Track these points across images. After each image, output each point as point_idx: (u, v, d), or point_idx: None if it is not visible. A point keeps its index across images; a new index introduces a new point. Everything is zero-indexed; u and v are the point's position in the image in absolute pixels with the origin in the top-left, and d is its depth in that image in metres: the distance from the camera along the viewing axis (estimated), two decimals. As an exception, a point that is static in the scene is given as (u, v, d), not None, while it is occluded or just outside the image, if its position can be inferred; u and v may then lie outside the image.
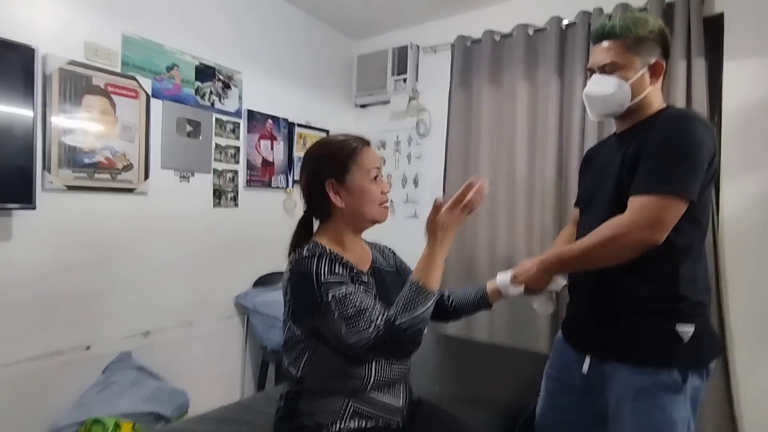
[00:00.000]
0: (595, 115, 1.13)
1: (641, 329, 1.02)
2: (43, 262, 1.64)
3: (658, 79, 1.09)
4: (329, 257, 0.94)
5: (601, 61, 1.08)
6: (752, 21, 1.88)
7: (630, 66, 1.06)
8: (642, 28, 1.05)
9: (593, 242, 1.00)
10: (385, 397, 0.98)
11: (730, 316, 1.88)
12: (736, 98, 1.91)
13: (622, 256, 0.98)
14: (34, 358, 1.63)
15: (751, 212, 1.86)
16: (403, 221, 2.81)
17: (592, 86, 1.10)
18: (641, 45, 1.06)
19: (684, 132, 0.98)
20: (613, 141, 1.19)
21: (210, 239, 2.21)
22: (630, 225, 0.95)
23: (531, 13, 2.35)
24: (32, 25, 1.60)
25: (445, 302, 1.19)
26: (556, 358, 1.25)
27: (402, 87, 2.80)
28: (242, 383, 2.41)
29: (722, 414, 1.82)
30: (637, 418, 1.00)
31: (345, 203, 1.00)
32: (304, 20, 2.71)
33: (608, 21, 1.08)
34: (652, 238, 0.94)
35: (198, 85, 2.15)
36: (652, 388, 0.99)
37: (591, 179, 1.21)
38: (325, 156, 1.03)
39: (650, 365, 1.00)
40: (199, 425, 1.30)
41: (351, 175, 1.00)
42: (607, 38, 1.08)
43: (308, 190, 1.04)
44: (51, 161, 1.63)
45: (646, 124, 1.07)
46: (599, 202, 1.11)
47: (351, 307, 0.87)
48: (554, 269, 1.11)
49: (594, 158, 1.27)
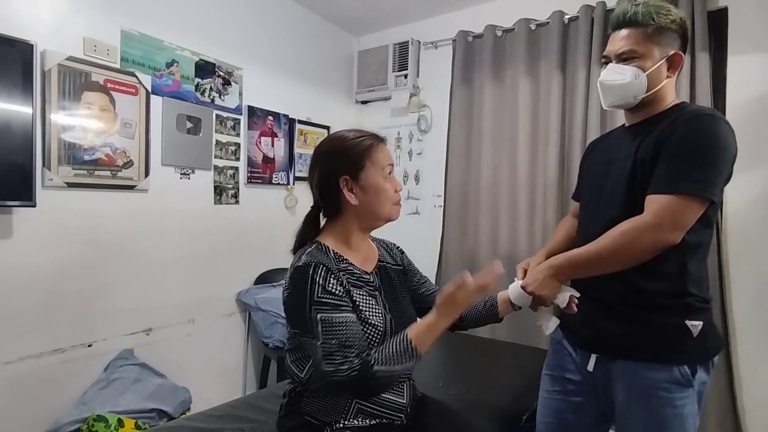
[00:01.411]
0: (608, 104, 1.09)
1: (652, 325, 1.00)
2: (43, 260, 1.64)
3: (675, 72, 1.04)
4: (326, 269, 0.91)
5: (620, 48, 1.03)
6: (756, 15, 1.86)
7: (649, 56, 1.01)
8: (664, 18, 1.01)
9: (611, 245, 0.95)
10: (389, 395, 0.98)
11: (733, 311, 1.87)
12: (740, 93, 1.90)
13: (641, 259, 0.95)
14: (36, 356, 1.62)
15: (755, 208, 1.85)
16: (404, 218, 2.77)
17: (608, 74, 1.05)
18: (662, 35, 1.01)
19: (711, 133, 0.95)
20: (621, 133, 1.15)
21: (211, 236, 2.21)
22: (653, 226, 0.92)
23: (533, 7, 2.33)
24: (31, 20, 1.58)
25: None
26: (555, 358, 1.21)
27: (403, 83, 2.79)
28: (244, 380, 2.42)
29: (725, 410, 1.82)
30: (649, 414, 0.99)
31: (359, 200, 0.98)
32: (304, 16, 2.69)
33: (630, 8, 1.03)
34: (672, 239, 0.92)
35: (198, 81, 2.13)
36: (664, 384, 0.98)
37: (596, 172, 1.16)
38: (339, 152, 1.00)
39: (661, 361, 0.99)
40: (202, 422, 1.30)
41: (365, 172, 0.98)
42: (627, 26, 1.03)
43: (321, 187, 1.01)
44: (51, 158, 1.62)
45: (660, 119, 1.03)
46: (608, 198, 1.07)
47: (335, 338, 0.86)
48: (564, 274, 1.02)
49: (598, 149, 1.22)
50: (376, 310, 0.96)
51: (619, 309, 1.04)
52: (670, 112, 1.03)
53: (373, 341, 0.92)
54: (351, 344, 0.86)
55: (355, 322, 0.90)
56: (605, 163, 1.12)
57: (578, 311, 1.05)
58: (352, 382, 0.85)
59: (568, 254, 1.03)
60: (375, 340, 0.92)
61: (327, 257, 0.96)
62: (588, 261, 0.98)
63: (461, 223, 2.55)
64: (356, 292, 0.95)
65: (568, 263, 1.01)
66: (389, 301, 1.02)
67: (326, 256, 0.96)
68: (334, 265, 0.95)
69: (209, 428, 1.26)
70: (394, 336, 0.92)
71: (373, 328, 0.93)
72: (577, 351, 1.13)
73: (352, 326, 0.89)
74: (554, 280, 1.02)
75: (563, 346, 1.18)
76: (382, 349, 0.89)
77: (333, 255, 0.97)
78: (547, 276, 1.02)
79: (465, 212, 2.53)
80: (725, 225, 1.89)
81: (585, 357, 1.10)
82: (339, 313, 0.88)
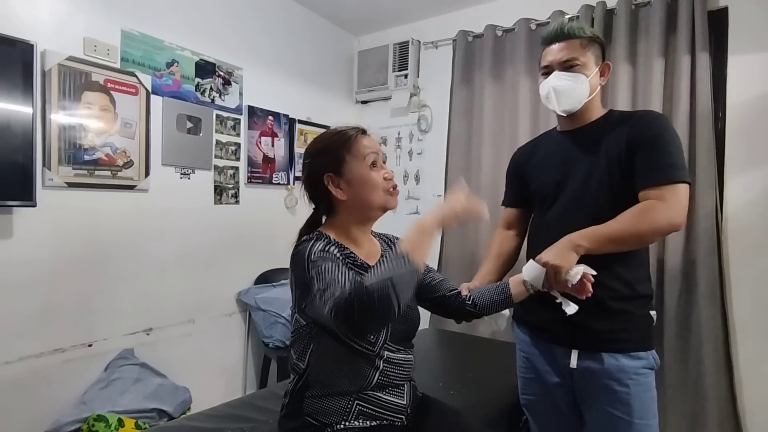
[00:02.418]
0: (563, 109, 1.15)
1: (629, 317, 1.09)
2: (44, 260, 1.64)
3: (605, 80, 1.18)
4: (327, 240, 0.92)
5: (564, 57, 1.12)
6: (757, 15, 1.86)
7: (587, 64, 1.13)
8: (589, 31, 1.14)
9: (634, 224, 1.00)
10: (390, 397, 0.97)
11: (734, 311, 1.87)
12: (740, 93, 1.90)
13: (652, 240, 1.08)
14: (36, 356, 1.63)
15: (755, 208, 1.85)
16: (404, 218, 2.80)
17: (558, 81, 1.12)
18: (593, 45, 1.14)
19: (671, 128, 1.10)
20: (562, 138, 1.22)
21: (211, 236, 2.21)
22: (668, 210, 1.00)
23: (533, 7, 2.33)
24: (31, 20, 1.58)
25: (466, 303, 1.12)
26: (530, 360, 1.25)
27: (403, 83, 2.79)
28: (244, 380, 2.42)
29: (725, 409, 1.81)
30: (636, 400, 1.06)
31: (347, 195, 0.98)
32: (304, 15, 2.69)
33: (564, 23, 1.15)
34: (682, 222, 1.02)
35: (198, 81, 2.13)
36: (643, 370, 1.08)
37: (552, 174, 1.19)
38: (319, 151, 1.01)
39: (639, 349, 1.08)
40: (202, 422, 1.30)
41: (347, 166, 0.98)
42: (564, 38, 1.13)
43: (309, 189, 1.03)
44: (51, 158, 1.62)
45: (605, 122, 1.15)
46: (581, 197, 1.12)
47: (328, 275, 0.84)
48: (583, 247, 1.01)
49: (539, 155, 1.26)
50: None
51: (599, 303, 1.06)
52: (610, 115, 1.17)
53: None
54: (344, 277, 0.84)
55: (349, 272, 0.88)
56: (562, 164, 1.18)
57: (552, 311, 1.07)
58: (347, 307, 0.78)
59: (589, 229, 1.03)
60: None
61: (325, 237, 0.96)
62: (611, 237, 1.01)
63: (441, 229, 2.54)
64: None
65: (590, 237, 1.01)
66: None
67: (326, 237, 0.97)
68: (338, 251, 0.95)
69: (209, 428, 1.26)
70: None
71: None
72: (558, 349, 1.16)
73: (346, 272, 0.86)
74: (572, 252, 1.00)
75: (537, 345, 1.22)
76: (374, 267, 0.85)
77: (336, 243, 0.97)
78: (565, 247, 1.01)
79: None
80: (725, 225, 1.89)
81: (565, 354, 1.13)
82: (332, 263, 0.87)
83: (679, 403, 1.90)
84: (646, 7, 2.05)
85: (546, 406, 1.23)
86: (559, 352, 1.15)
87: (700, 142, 1.87)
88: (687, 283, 1.91)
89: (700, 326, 1.85)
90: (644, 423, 1.07)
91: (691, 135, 1.91)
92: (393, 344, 0.97)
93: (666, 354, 1.91)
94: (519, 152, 1.38)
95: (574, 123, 1.19)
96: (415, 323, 1.09)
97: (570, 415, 1.19)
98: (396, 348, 0.98)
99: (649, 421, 1.08)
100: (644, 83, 2.03)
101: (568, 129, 1.22)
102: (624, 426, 1.07)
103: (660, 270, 1.97)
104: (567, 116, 1.17)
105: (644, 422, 1.07)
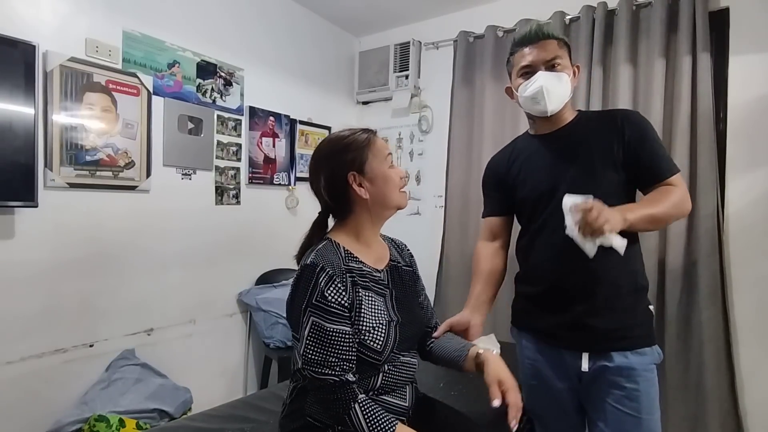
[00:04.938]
0: (551, 109, 1.12)
1: (633, 312, 1.09)
2: (45, 260, 1.64)
3: (576, 82, 1.18)
4: (331, 274, 0.90)
5: (548, 56, 1.11)
6: (758, 15, 1.86)
7: (567, 64, 1.14)
8: (561, 34, 1.17)
9: (673, 206, 1.05)
10: (392, 399, 0.97)
11: (735, 312, 1.87)
12: (741, 93, 1.89)
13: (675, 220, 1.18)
14: (37, 356, 1.63)
15: (756, 209, 1.85)
16: (405, 219, 2.80)
17: (548, 79, 1.09)
18: (565, 47, 1.15)
19: (650, 122, 1.15)
20: (541, 142, 1.19)
21: (212, 237, 2.21)
22: (689, 198, 1.08)
23: (534, 7, 2.33)
24: (33, 21, 1.59)
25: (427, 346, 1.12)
26: (535, 366, 1.20)
27: (404, 83, 2.79)
28: (245, 380, 2.42)
29: (726, 411, 1.81)
30: (644, 396, 1.06)
31: (369, 193, 0.98)
32: (305, 16, 2.70)
33: (540, 25, 1.16)
34: (690, 208, 1.09)
35: (199, 82, 2.14)
36: (649, 365, 1.08)
37: (542, 180, 1.15)
38: (340, 151, 0.99)
39: (645, 345, 1.08)
40: (203, 422, 1.30)
41: (370, 164, 0.98)
42: (545, 38, 1.13)
43: (330, 190, 1.00)
44: (53, 159, 1.63)
45: (584, 121, 1.16)
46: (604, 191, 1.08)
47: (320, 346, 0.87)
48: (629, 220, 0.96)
49: (520, 160, 1.22)
50: (381, 312, 0.96)
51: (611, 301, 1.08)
52: (583, 116, 1.19)
53: (372, 345, 0.92)
54: (336, 356, 0.87)
55: (347, 334, 0.89)
56: (551, 167, 1.15)
57: (559, 316, 1.11)
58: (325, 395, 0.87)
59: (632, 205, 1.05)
60: (376, 343, 0.92)
61: (337, 255, 0.95)
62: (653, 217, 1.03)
63: (462, 223, 2.54)
64: (364, 294, 0.95)
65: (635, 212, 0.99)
66: (398, 302, 1.02)
67: (336, 254, 0.95)
68: (344, 264, 0.94)
69: (210, 428, 1.27)
70: (387, 417, 0.88)
71: (372, 333, 0.92)
72: (567, 353, 1.13)
73: (343, 339, 0.88)
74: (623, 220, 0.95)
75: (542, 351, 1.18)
76: (372, 405, 0.88)
77: (343, 253, 0.97)
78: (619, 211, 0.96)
79: (466, 213, 2.53)
80: (726, 226, 1.89)
81: (575, 358, 1.11)
82: (331, 323, 0.88)
83: (680, 404, 1.89)
84: (647, 8, 2.05)
85: (552, 411, 1.21)
86: (569, 356, 1.13)
87: (702, 142, 1.87)
88: (688, 284, 1.91)
89: (701, 327, 1.85)
90: (651, 418, 1.07)
91: (693, 136, 1.91)
92: (399, 351, 0.98)
93: (667, 355, 1.90)
94: (496, 160, 1.33)
95: (552, 125, 1.17)
96: (421, 327, 1.09)
97: (575, 417, 1.18)
98: (401, 353, 0.99)
99: (655, 415, 1.08)
100: (645, 84, 2.03)
101: (545, 132, 1.19)
102: (632, 422, 1.06)
103: (661, 271, 1.97)
104: (545, 118, 1.15)
105: (651, 417, 1.07)
